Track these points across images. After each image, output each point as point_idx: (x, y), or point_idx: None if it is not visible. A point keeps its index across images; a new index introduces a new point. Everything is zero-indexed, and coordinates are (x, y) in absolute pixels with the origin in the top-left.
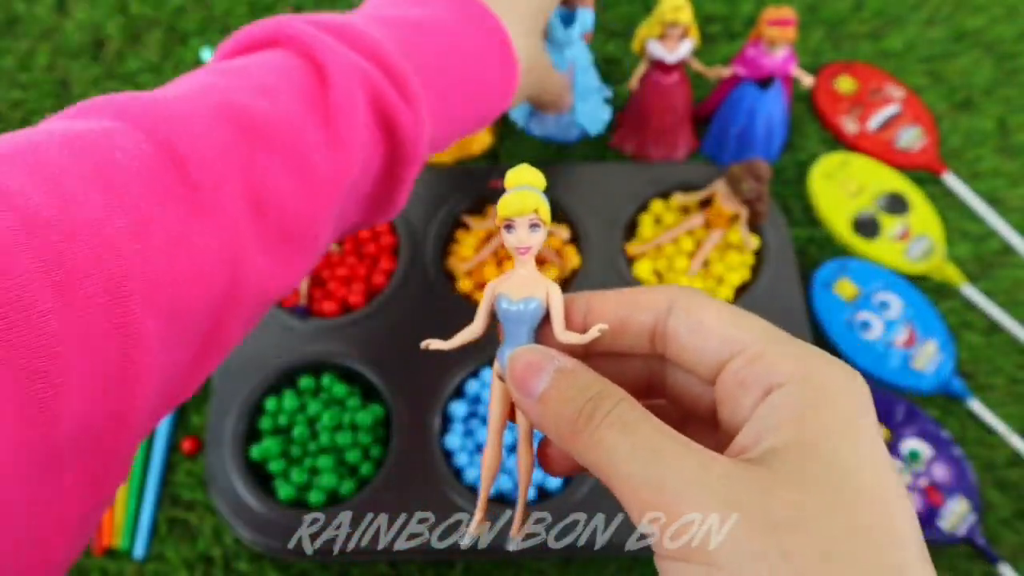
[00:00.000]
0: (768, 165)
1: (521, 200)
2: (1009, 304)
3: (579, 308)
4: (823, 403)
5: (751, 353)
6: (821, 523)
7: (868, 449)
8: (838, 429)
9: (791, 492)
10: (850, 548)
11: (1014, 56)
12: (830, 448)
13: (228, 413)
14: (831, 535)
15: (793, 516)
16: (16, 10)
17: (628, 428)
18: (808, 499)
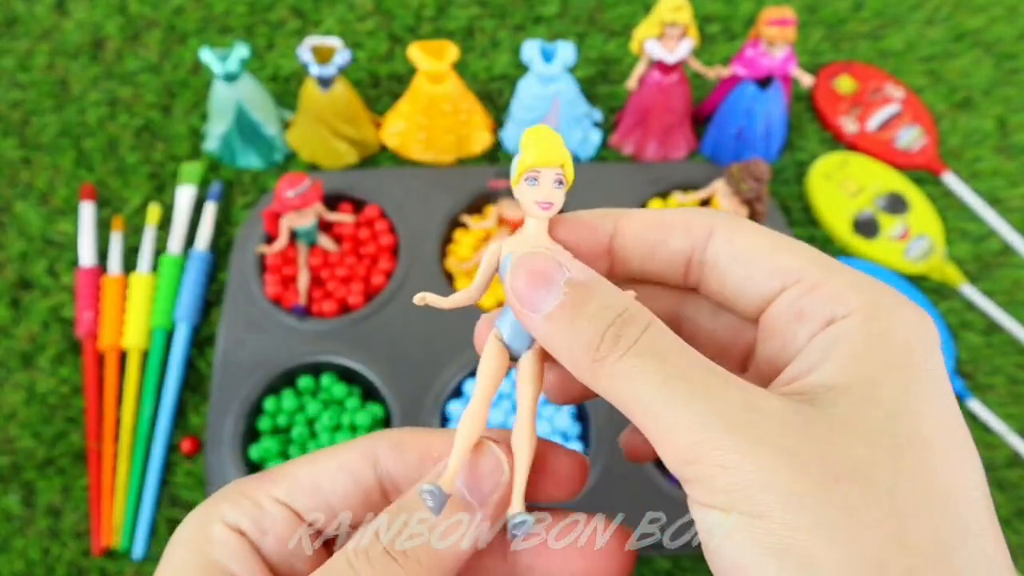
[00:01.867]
0: (767, 165)
1: (550, 148)
2: (1009, 304)
3: (605, 229)
4: (890, 342)
5: (810, 281)
6: (888, 477)
7: (936, 397)
8: (905, 372)
9: (854, 439)
10: (919, 506)
11: (1014, 56)
12: (895, 393)
13: (227, 413)
14: (899, 490)
15: (857, 467)
16: (15, 10)
17: (660, 356)
18: (873, 450)
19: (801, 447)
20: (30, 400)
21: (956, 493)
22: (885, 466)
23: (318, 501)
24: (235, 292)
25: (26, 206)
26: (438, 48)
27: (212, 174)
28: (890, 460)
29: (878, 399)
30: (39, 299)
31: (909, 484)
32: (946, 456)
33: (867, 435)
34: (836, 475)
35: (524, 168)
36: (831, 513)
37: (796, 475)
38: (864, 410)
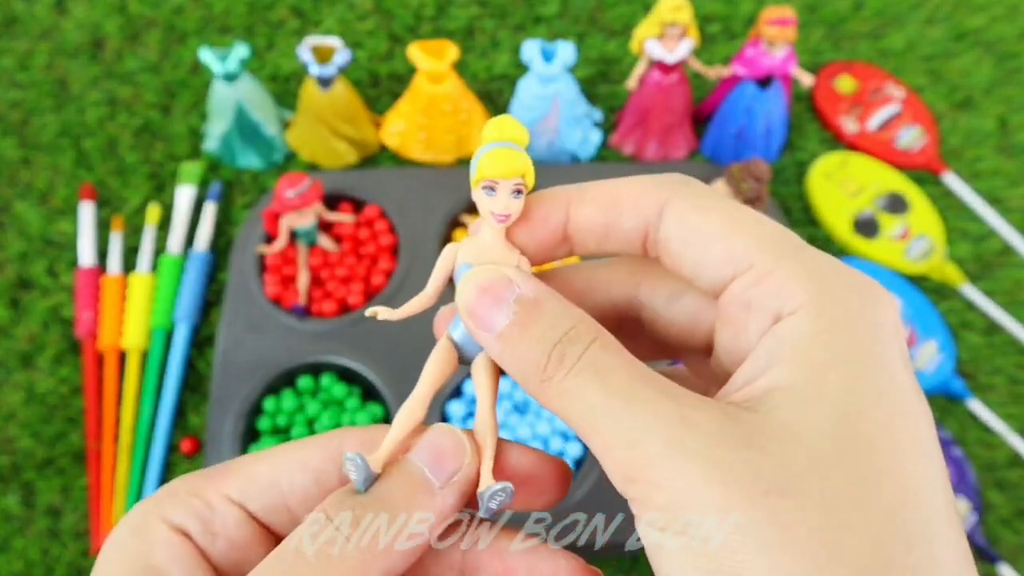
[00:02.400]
0: (768, 165)
1: (509, 160)
2: (1009, 304)
3: (558, 219)
4: (836, 338)
5: (760, 270)
6: (824, 485)
7: (885, 394)
8: (851, 369)
9: (791, 447)
10: (857, 515)
11: (1014, 55)
12: (840, 393)
13: (227, 413)
14: (835, 499)
15: (790, 478)
16: (15, 10)
17: (602, 373)
18: (810, 456)
19: (734, 460)
20: (30, 400)
21: (903, 497)
22: (821, 474)
23: (275, 501)
24: (235, 292)
25: (26, 206)
26: (438, 48)
27: (212, 174)
28: (828, 467)
29: (821, 401)
30: (39, 299)
31: (846, 492)
32: (893, 457)
33: (806, 441)
34: (767, 488)
35: (478, 179)
36: (761, 529)
37: (726, 490)
38: (805, 414)
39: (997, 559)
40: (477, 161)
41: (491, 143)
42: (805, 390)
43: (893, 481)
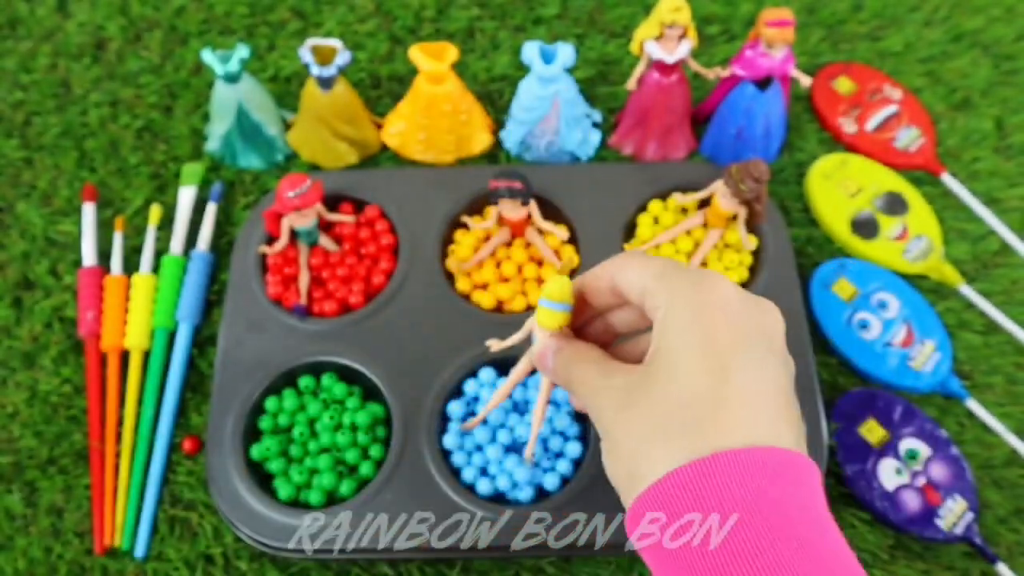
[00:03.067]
0: (767, 165)
1: (554, 319)
2: (1007, 304)
3: (576, 287)
4: (672, 316)
5: (651, 291)
6: (645, 393)
7: (688, 337)
8: (678, 331)
9: (636, 377)
10: (660, 395)
11: (1012, 57)
12: (669, 345)
13: (228, 413)
14: (655, 390)
15: (634, 395)
16: (17, 11)
17: (576, 378)
18: (642, 380)
19: (624, 394)
20: (32, 400)
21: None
22: (646, 388)
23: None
24: (236, 292)
25: (28, 206)
26: (438, 49)
27: (213, 174)
28: (648, 381)
29: (661, 352)
30: (41, 299)
31: (646, 392)
32: (672, 366)
33: (643, 373)
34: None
35: (539, 323)
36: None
37: (618, 410)
38: (653, 360)
39: (995, 558)
40: (537, 312)
41: (550, 302)
42: (657, 352)
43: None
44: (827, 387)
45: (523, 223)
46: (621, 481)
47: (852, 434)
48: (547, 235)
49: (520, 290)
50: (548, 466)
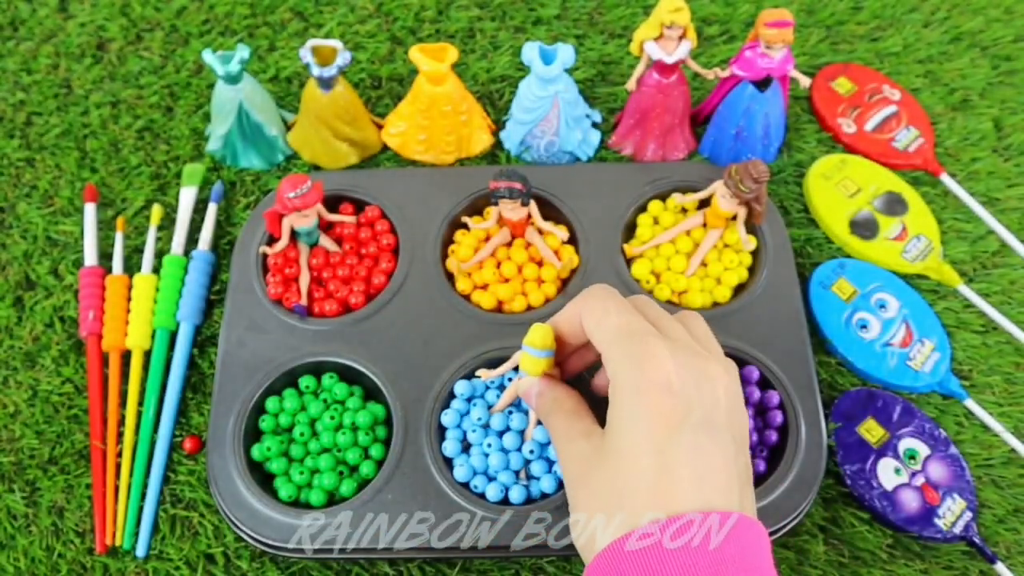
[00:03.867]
0: (766, 166)
1: (537, 366)
2: (1005, 304)
3: (552, 328)
4: (620, 396)
5: (604, 353)
6: (597, 468)
7: (632, 419)
8: (624, 412)
9: (592, 450)
10: (599, 481)
11: (1010, 57)
12: (618, 426)
13: (229, 413)
14: (597, 475)
15: (590, 470)
16: (19, 11)
17: (551, 428)
18: (596, 455)
19: (587, 464)
20: (33, 399)
21: (617, 467)
22: (603, 453)
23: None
24: (237, 292)
25: (29, 207)
26: (438, 50)
27: (214, 175)
28: (598, 464)
29: (610, 431)
30: (43, 299)
31: (608, 462)
32: (618, 453)
33: (605, 440)
34: (591, 471)
35: (523, 367)
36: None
37: (581, 476)
38: (605, 438)
39: (993, 557)
40: (521, 357)
41: (533, 349)
42: (612, 429)
43: (615, 464)
44: (826, 387)
45: (523, 223)
46: (582, 551)
47: (851, 434)
48: (547, 235)
49: (520, 290)
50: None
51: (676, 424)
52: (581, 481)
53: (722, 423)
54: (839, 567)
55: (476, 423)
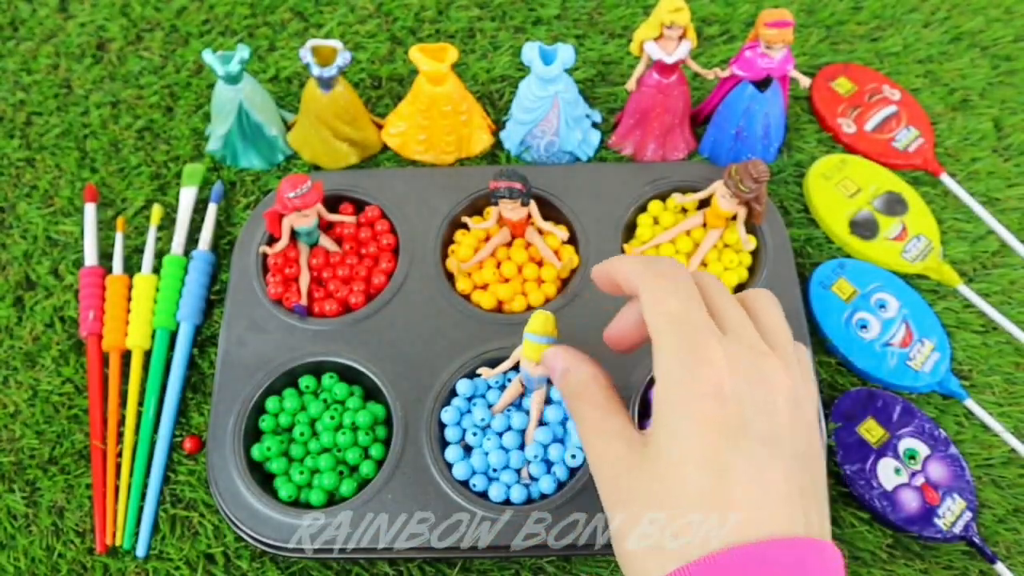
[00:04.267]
0: (766, 166)
1: (539, 352)
2: (1005, 304)
3: (552, 316)
4: (666, 401)
5: (652, 340)
6: (641, 482)
7: (682, 429)
8: (672, 420)
9: (634, 458)
10: (645, 500)
11: (1010, 57)
12: (665, 436)
13: (229, 413)
14: (642, 492)
15: (631, 484)
16: (19, 11)
17: (577, 417)
18: (639, 466)
19: (627, 476)
20: (33, 399)
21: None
22: (647, 467)
23: None
24: (237, 292)
25: (29, 207)
26: (438, 50)
27: (214, 175)
28: (650, 466)
29: (654, 438)
30: (43, 299)
31: (655, 480)
32: (658, 449)
33: (647, 449)
34: (633, 486)
35: (523, 356)
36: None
37: (620, 490)
38: (650, 446)
39: (994, 557)
40: (523, 344)
41: (534, 336)
42: (656, 440)
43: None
44: (826, 387)
45: (523, 223)
46: (625, 568)
47: (851, 434)
48: (547, 235)
49: (520, 290)
50: (546, 471)
51: (729, 437)
52: (619, 484)
53: (783, 435)
54: None
55: (478, 424)
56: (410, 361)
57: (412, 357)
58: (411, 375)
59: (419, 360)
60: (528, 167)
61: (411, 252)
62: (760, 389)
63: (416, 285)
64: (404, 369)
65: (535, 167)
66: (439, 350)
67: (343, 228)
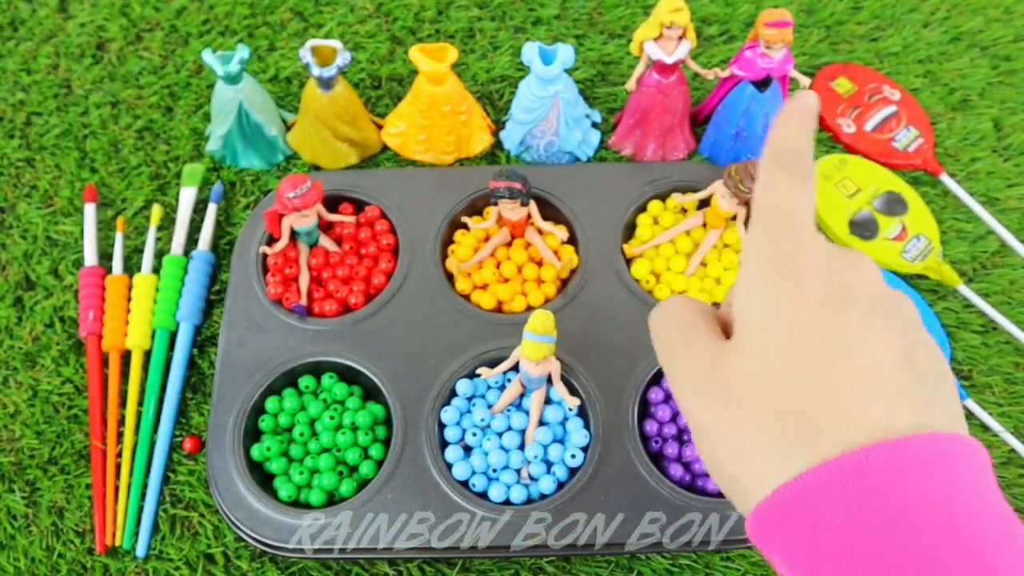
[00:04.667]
0: None
1: (538, 351)
2: (1005, 304)
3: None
4: (747, 278)
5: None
6: (733, 378)
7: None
8: (750, 298)
9: (720, 354)
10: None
11: (1010, 57)
12: (749, 313)
13: (229, 413)
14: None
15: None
16: (19, 12)
17: (656, 341)
18: (727, 361)
19: (712, 376)
20: (33, 399)
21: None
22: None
23: None
24: (237, 292)
25: (29, 207)
26: (438, 50)
27: (214, 175)
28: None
29: (739, 320)
30: (43, 299)
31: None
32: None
33: (734, 339)
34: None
35: (522, 355)
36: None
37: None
38: (736, 331)
39: None
40: (522, 344)
41: (534, 335)
42: (741, 320)
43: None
44: None
45: (523, 223)
46: (722, 483)
47: None
48: (547, 235)
49: (520, 290)
50: (546, 471)
51: (836, 304)
52: (711, 403)
53: (884, 309)
54: None
55: (478, 424)
56: (410, 361)
57: (412, 357)
58: (411, 375)
59: (419, 360)
60: (528, 167)
61: (411, 252)
62: (849, 271)
63: (416, 285)
64: (404, 369)
65: (535, 167)
66: (439, 350)
67: (343, 228)
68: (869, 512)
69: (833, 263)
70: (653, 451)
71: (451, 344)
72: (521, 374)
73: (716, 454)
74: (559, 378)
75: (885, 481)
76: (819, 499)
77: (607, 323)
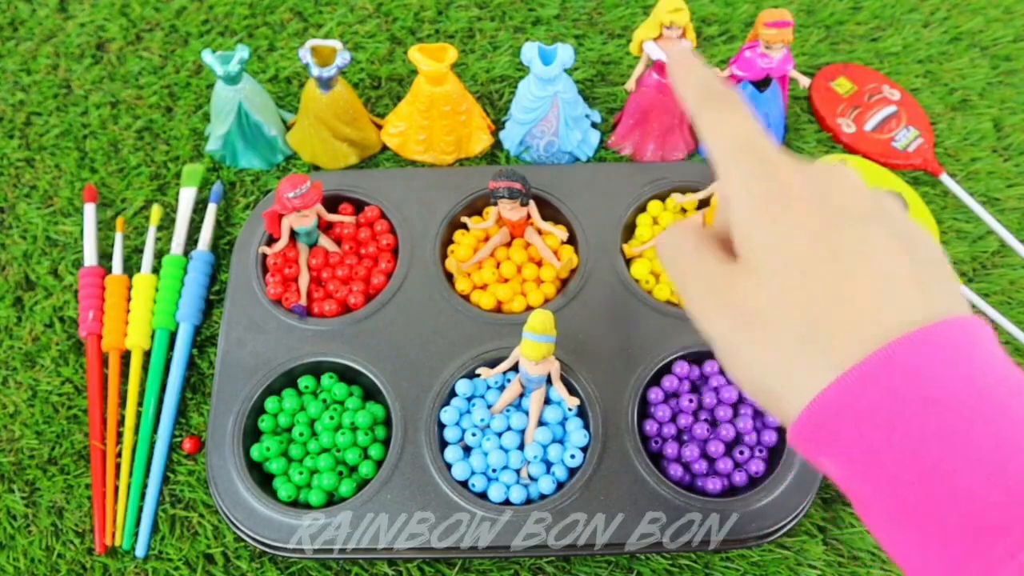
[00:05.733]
0: None
1: (538, 350)
2: (1005, 304)
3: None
4: (739, 209)
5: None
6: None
7: (767, 220)
8: (748, 226)
9: (733, 275)
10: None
11: (1010, 57)
12: (749, 234)
13: (229, 413)
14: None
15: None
16: (19, 12)
17: (669, 268)
18: (741, 280)
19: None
20: (33, 399)
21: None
22: (748, 275)
23: None
24: (236, 292)
25: (29, 207)
26: (438, 50)
27: (213, 175)
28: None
29: (743, 242)
30: (42, 299)
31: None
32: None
33: (741, 260)
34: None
35: (522, 354)
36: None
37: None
38: (741, 252)
39: None
40: (522, 343)
41: (533, 334)
42: (745, 240)
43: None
44: None
45: (522, 223)
46: (760, 399)
47: None
48: (546, 235)
49: (519, 291)
50: (545, 471)
51: (827, 227)
52: (736, 327)
53: (880, 215)
54: (838, 567)
55: (477, 424)
56: (409, 361)
57: (411, 357)
58: (410, 375)
59: (418, 360)
60: (528, 167)
61: (410, 252)
62: (835, 185)
63: (415, 285)
64: (403, 369)
65: (535, 167)
66: (438, 350)
67: (342, 228)
68: (907, 400)
69: (816, 182)
70: (653, 451)
71: (451, 344)
72: (521, 374)
73: (751, 372)
74: (559, 378)
75: (916, 371)
76: (859, 398)
77: (607, 323)
